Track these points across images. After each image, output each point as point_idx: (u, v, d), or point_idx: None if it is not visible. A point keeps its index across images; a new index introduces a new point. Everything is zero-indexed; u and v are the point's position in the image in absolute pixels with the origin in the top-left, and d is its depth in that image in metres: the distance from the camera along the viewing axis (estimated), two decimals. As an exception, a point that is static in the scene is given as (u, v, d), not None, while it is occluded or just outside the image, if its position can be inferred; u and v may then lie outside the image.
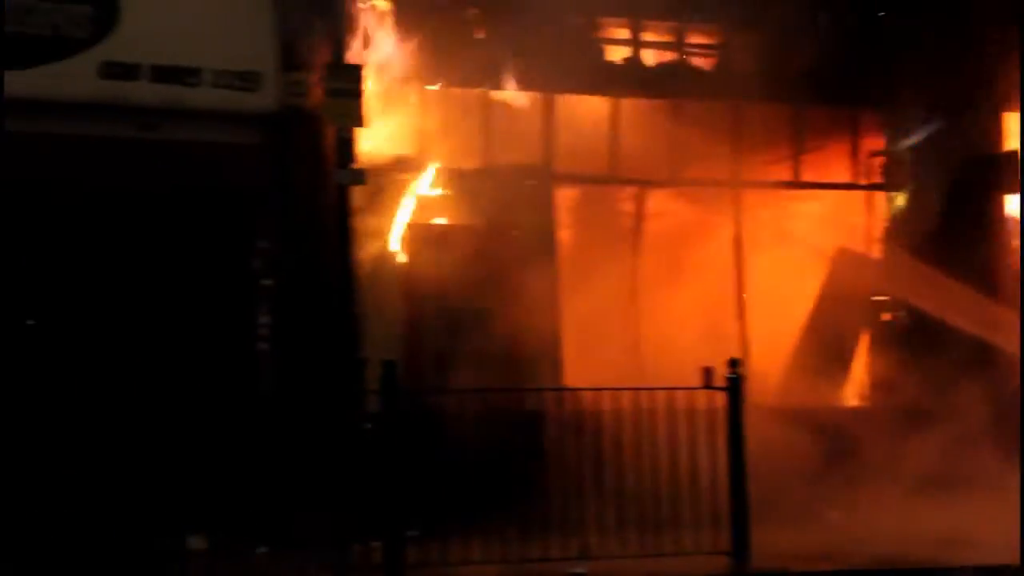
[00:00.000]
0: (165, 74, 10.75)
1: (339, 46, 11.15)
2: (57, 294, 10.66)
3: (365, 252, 11.43)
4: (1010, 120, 13.45)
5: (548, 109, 12.52)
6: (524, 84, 12.22)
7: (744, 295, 13.19)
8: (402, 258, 11.87)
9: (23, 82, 10.31)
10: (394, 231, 11.90)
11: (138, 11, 10.65)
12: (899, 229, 13.60)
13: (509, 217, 11.93)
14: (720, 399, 9.88)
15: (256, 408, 10.59)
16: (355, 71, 11.09)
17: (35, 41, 10.47)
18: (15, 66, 10.34)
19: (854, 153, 13.86)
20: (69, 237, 10.68)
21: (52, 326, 10.61)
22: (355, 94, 11.03)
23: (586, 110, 12.72)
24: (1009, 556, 9.41)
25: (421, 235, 11.90)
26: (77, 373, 10.42)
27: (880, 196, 13.84)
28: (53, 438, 10.11)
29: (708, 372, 9.85)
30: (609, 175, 12.77)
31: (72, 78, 10.53)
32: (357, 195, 11.27)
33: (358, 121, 11.09)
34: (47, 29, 10.51)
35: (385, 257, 11.77)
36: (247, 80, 10.96)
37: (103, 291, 10.72)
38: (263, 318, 11.09)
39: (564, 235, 12.55)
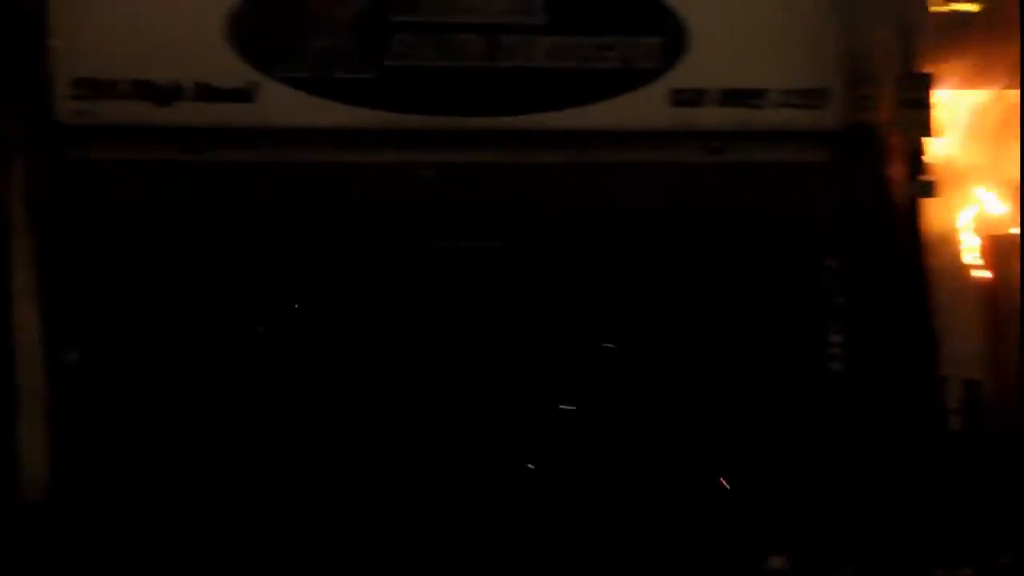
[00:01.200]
0: (732, 97, 10.91)
1: (907, 55, 10.86)
2: (623, 315, 11.08)
3: (938, 266, 11.04)
4: None
5: None
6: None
7: None
8: (980, 271, 11.37)
9: (596, 115, 10.83)
10: (969, 243, 11.42)
11: (705, 37, 10.87)
12: None
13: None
14: None
15: (833, 427, 10.47)
16: (924, 80, 10.76)
17: (606, 74, 10.93)
18: (589, 100, 10.89)
19: None
20: (636, 261, 11.08)
21: (625, 348, 11.06)
22: (924, 104, 10.70)
23: None
24: None
25: (1001, 246, 11.34)
26: (638, 395, 10.78)
27: None
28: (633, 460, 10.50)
29: None
30: None
31: (642, 107, 10.89)
32: (928, 208, 10.94)
33: (927, 131, 10.78)
34: (618, 62, 10.96)
35: (960, 271, 11.32)
36: (813, 98, 10.92)
37: (674, 313, 11.06)
38: (834, 337, 10.98)
39: None
